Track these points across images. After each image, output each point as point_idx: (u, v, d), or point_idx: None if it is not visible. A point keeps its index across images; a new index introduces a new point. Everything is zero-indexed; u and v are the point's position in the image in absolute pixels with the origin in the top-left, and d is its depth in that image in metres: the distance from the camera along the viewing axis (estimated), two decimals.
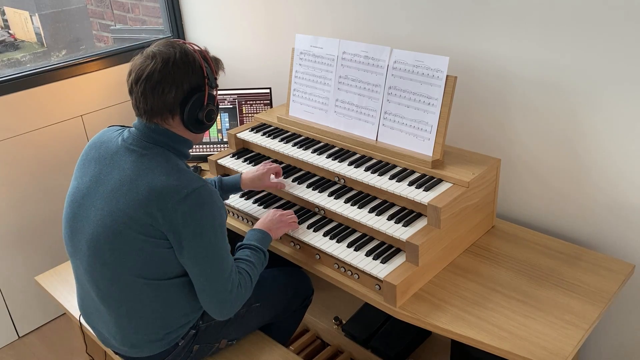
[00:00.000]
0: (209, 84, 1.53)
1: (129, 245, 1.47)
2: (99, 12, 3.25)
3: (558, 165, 1.85)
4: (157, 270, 1.51)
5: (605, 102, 1.68)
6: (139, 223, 1.44)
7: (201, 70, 1.51)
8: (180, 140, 1.55)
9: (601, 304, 1.53)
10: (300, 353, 2.24)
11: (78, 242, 1.56)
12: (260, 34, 2.64)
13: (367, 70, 1.90)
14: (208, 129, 1.61)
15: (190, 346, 1.65)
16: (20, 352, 2.65)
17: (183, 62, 1.48)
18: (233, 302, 1.53)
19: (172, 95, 1.48)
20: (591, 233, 1.85)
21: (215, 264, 1.49)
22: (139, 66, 1.48)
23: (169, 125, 1.53)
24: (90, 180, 1.54)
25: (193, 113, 1.52)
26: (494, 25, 1.82)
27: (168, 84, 1.46)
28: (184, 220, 1.43)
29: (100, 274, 1.53)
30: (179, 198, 1.42)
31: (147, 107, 1.49)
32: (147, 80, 1.46)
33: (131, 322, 1.57)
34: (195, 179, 1.48)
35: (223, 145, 2.54)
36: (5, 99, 2.42)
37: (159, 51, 1.48)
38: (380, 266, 1.60)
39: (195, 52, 1.52)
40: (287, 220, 1.77)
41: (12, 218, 2.55)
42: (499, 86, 1.89)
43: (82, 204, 1.55)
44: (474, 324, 1.49)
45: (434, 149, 1.76)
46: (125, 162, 1.50)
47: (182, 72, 1.48)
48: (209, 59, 1.56)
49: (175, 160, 1.52)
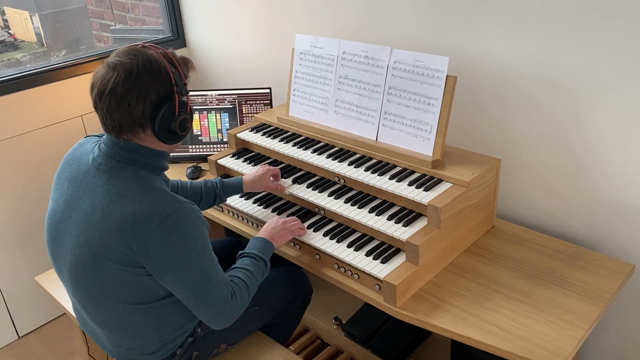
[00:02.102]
0: (179, 92, 1.42)
1: (107, 273, 1.40)
2: (99, 12, 3.25)
3: (558, 165, 1.85)
4: (142, 295, 1.45)
5: (605, 101, 1.68)
6: (114, 252, 1.37)
7: (168, 77, 1.40)
8: (154, 155, 1.46)
9: (601, 304, 1.53)
10: (300, 353, 2.24)
11: (60, 267, 1.52)
12: (260, 34, 2.64)
13: (367, 70, 1.90)
14: (183, 139, 1.51)
15: (189, 353, 1.64)
16: (20, 352, 2.65)
17: (147, 70, 1.37)
18: (228, 313, 1.48)
19: (140, 109, 1.37)
20: (591, 233, 1.85)
21: (203, 285, 1.42)
22: (100, 79, 1.38)
23: (140, 139, 1.43)
24: (65, 203, 1.47)
25: (165, 124, 1.41)
26: (494, 25, 1.82)
27: (134, 97, 1.36)
28: (161, 248, 1.35)
29: (85, 300, 1.50)
30: (152, 225, 1.34)
31: (114, 124, 1.39)
32: (111, 94, 1.36)
33: (124, 340, 1.55)
34: (169, 200, 1.38)
35: (223, 145, 2.54)
36: (5, 99, 2.42)
37: (120, 61, 1.37)
38: (380, 266, 1.60)
39: (160, 57, 1.41)
40: (290, 228, 1.73)
41: (12, 218, 2.55)
42: (499, 86, 1.89)
43: (58, 229, 1.49)
44: (474, 324, 1.49)
45: (434, 149, 1.76)
46: (96, 185, 1.41)
47: (147, 82, 1.36)
48: (175, 62, 1.44)
49: (149, 180, 1.42)
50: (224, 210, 2.06)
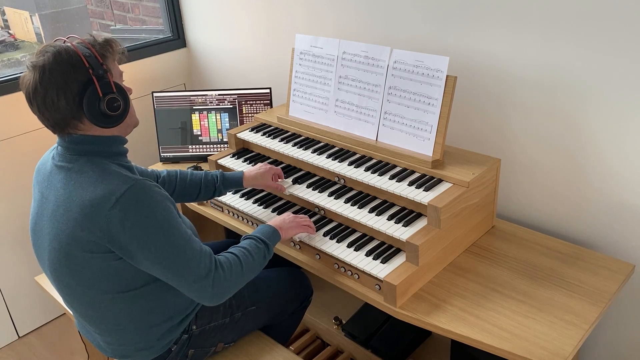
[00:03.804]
0: (95, 73, 1.39)
1: (81, 265, 1.41)
2: (99, 12, 3.25)
3: (558, 166, 1.85)
4: (118, 283, 1.45)
5: (604, 103, 1.68)
6: (81, 241, 1.38)
7: (82, 62, 1.38)
8: (103, 141, 1.45)
9: (601, 304, 1.53)
10: (300, 353, 2.24)
11: (45, 269, 1.54)
12: (260, 34, 2.64)
13: (367, 70, 1.90)
14: (124, 118, 1.47)
15: (184, 350, 1.64)
16: (20, 352, 2.65)
17: (58, 62, 1.36)
18: (216, 286, 1.44)
19: (64, 102, 1.37)
20: (591, 233, 1.85)
21: (176, 258, 1.40)
22: (25, 85, 1.39)
23: (82, 130, 1.43)
24: (37, 206, 1.51)
25: (94, 109, 1.39)
26: (494, 25, 1.82)
27: (54, 92, 1.36)
28: (122, 228, 1.34)
29: (70, 296, 1.51)
30: (109, 206, 1.34)
31: (50, 122, 1.41)
32: (34, 96, 1.37)
33: (114, 336, 1.55)
34: (123, 179, 1.38)
35: (223, 145, 2.54)
36: (5, 99, 2.42)
37: (34, 62, 1.37)
38: (380, 266, 1.60)
39: (71, 45, 1.40)
40: (300, 222, 1.72)
41: (12, 218, 2.55)
42: (499, 86, 1.89)
43: (35, 230, 1.52)
44: (474, 324, 1.49)
45: (434, 149, 1.76)
46: (57, 181, 1.44)
47: (61, 74, 1.36)
48: (89, 46, 1.41)
49: (103, 165, 1.42)
50: (224, 210, 2.06)
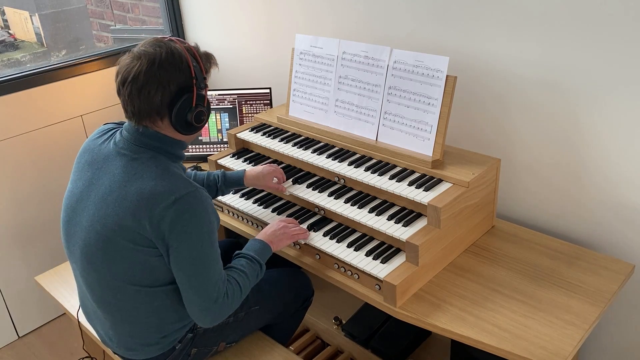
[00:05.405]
0: (197, 85, 1.48)
1: (118, 252, 1.45)
2: (99, 12, 3.25)
3: (558, 165, 1.85)
4: (149, 277, 1.48)
5: (605, 102, 1.68)
6: (127, 231, 1.42)
7: (189, 70, 1.46)
8: (171, 143, 1.51)
9: (601, 304, 1.53)
10: (300, 353, 2.24)
11: (73, 247, 1.56)
12: (260, 34, 2.64)
13: (367, 70, 1.90)
14: (199, 130, 1.56)
15: (187, 349, 1.65)
16: (20, 352, 2.65)
17: (169, 62, 1.43)
18: (218, 312, 1.49)
19: (159, 98, 1.43)
20: (591, 233, 1.85)
21: (201, 272, 1.45)
22: (125, 67, 1.44)
23: (158, 127, 1.49)
24: (84, 184, 1.53)
25: (181, 115, 1.47)
26: (494, 25, 1.82)
27: (154, 86, 1.42)
28: (171, 226, 1.40)
29: (93, 279, 1.53)
30: (167, 204, 1.39)
31: (134, 110, 1.45)
32: (133, 82, 1.42)
33: (126, 326, 1.57)
34: (185, 183, 1.44)
35: (223, 145, 2.54)
36: (5, 99, 2.42)
37: (145, 51, 1.43)
38: (380, 266, 1.60)
39: (183, 50, 1.46)
40: (290, 233, 1.72)
41: (12, 218, 2.55)
42: (499, 86, 1.89)
43: (75, 208, 1.54)
44: (474, 324, 1.49)
45: (434, 149, 1.76)
46: (115, 167, 1.48)
47: (168, 73, 1.43)
48: (198, 57, 1.50)
49: (166, 164, 1.48)
50: (224, 210, 2.06)
